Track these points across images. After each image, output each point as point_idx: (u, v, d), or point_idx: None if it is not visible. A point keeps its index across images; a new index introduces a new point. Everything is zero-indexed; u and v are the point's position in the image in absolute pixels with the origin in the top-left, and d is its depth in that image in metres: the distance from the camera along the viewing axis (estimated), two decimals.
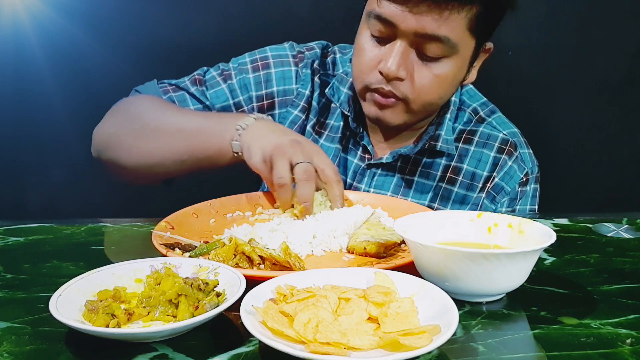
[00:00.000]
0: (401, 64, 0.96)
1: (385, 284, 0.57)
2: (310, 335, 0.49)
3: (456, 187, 1.11)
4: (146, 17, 1.46)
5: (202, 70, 1.17)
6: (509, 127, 1.14)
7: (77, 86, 1.46)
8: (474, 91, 1.19)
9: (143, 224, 0.91)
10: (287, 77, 1.16)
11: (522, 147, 1.13)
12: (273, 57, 1.17)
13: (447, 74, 0.99)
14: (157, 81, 1.16)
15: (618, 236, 0.86)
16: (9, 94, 1.44)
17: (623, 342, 0.53)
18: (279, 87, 1.15)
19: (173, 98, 1.13)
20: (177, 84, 1.15)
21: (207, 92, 1.14)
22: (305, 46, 1.19)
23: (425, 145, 1.10)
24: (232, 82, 1.15)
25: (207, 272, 0.62)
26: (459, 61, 0.99)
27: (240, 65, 1.16)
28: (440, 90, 1.01)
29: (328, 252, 0.78)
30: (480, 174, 1.10)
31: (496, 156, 1.11)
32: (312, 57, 1.17)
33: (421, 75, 0.98)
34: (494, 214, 0.71)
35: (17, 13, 1.40)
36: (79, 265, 0.73)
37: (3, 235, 0.85)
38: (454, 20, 0.93)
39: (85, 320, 0.54)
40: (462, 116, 1.14)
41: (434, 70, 0.98)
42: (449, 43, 0.95)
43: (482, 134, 1.12)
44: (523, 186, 1.11)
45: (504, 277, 0.59)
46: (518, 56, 1.52)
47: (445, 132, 1.10)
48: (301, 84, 1.15)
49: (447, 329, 0.48)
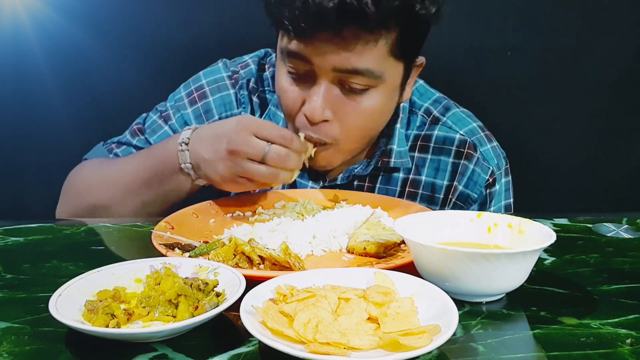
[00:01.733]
0: (325, 105, 0.89)
1: (385, 284, 0.57)
2: (310, 335, 0.49)
3: (417, 202, 1.05)
4: (146, 17, 1.46)
5: (141, 119, 1.14)
6: (466, 124, 1.07)
7: (77, 86, 1.46)
8: (425, 87, 1.12)
9: (143, 224, 0.91)
10: (226, 102, 1.10)
11: (482, 144, 1.06)
12: (208, 83, 1.11)
13: (375, 106, 0.92)
14: (102, 143, 1.13)
15: (618, 236, 0.86)
16: (9, 94, 1.44)
17: (623, 342, 0.53)
18: (220, 115, 1.10)
19: (118, 154, 1.10)
20: (119, 141, 1.12)
21: (151, 138, 1.10)
22: (239, 63, 1.13)
23: (378, 162, 1.05)
24: (172, 122, 1.10)
25: (207, 272, 0.62)
26: (387, 89, 0.92)
27: (176, 101, 1.12)
28: (370, 124, 0.96)
29: (328, 252, 0.78)
30: (440, 184, 1.05)
31: (455, 162, 1.05)
32: (247, 75, 1.11)
33: (348, 112, 0.91)
34: (494, 214, 0.71)
35: (17, 13, 1.40)
36: (78, 265, 0.73)
37: (3, 235, 0.85)
38: (371, 50, 0.86)
39: (85, 320, 0.54)
40: (415, 120, 1.08)
41: (361, 104, 0.91)
42: (373, 75, 0.88)
43: (437, 139, 1.06)
44: (491, 187, 1.05)
45: (504, 277, 0.59)
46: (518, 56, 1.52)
47: (397, 144, 1.04)
48: (242, 108, 1.10)
49: (447, 329, 0.48)
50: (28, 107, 1.45)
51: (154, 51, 1.47)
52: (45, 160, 1.47)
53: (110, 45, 1.44)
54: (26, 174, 1.51)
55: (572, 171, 1.59)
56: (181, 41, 1.47)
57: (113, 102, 1.45)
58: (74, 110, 1.47)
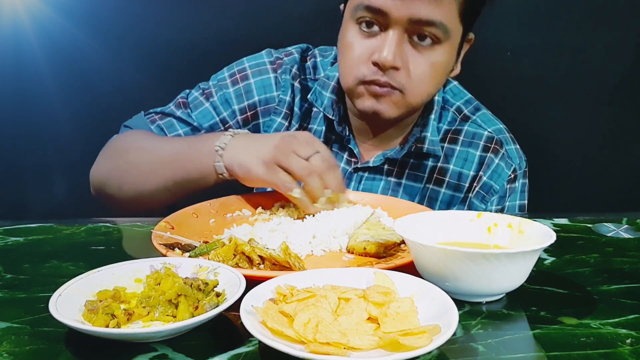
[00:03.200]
0: (397, 52, 0.95)
1: (385, 284, 0.57)
2: (310, 335, 0.49)
3: (443, 188, 1.10)
4: (146, 17, 1.46)
5: (185, 93, 1.17)
6: (494, 124, 1.14)
7: (77, 86, 1.46)
8: (458, 88, 1.18)
9: (143, 224, 0.91)
10: (266, 85, 1.15)
11: (508, 143, 1.12)
12: (250, 67, 1.16)
13: (441, 62, 0.99)
14: (144, 113, 1.16)
15: (618, 236, 0.86)
16: (9, 94, 1.44)
17: (623, 342, 0.53)
18: (260, 97, 1.15)
19: (161, 126, 1.13)
20: (163, 111, 1.15)
21: (192, 113, 1.14)
22: (283, 51, 1.19)
23: (412, 147, 1.09)
24: (214, 100, 1.14)
25: (207, 272, 0.62)
26: (450, 49, 0.99)
27: (219, 81, 1.16)
28: (435, 79, 1.01)
29: (328, 252, 0.78)
30: (467, 173, 1.10)
31: (482, 155, 1.10)
32: (290, 62, 1.16)
33: (416, 64, 0.97)
34: (494, 214, 0.71)
35: (17, 13, 1.40)
36: (78, 265, 0.73)
37: (3, 235, 0.85)
38: (446, 4, 0.93)
39: (85, 320, 0.54)
40: (446, 115, 1.14)
41: (428, 58, 0.97)
42: (443, 28, 0.95)
43: (467, 133, 1.12)
44: (511, 183, 1.10)
45: (504, 277, 0.59)
46: (518, 56, 1.52)
47: (430, 133, 1.09)
48: (282, 91, 1.15)
49: (447, 329, 0.48)
50: (28, 107, 1.45)
51: (154, 51, 1.47)
52: (45, 160, 1.47)
53: (110, 45, 1.44)
54: (26, 174, 1.51)
55: (572, 171, 1.59)
56: (181, 41, 1.47)
57: (113, 102, 1.45)
58: (74, 111, 1.47)
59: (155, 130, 1.13)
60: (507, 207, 1.11)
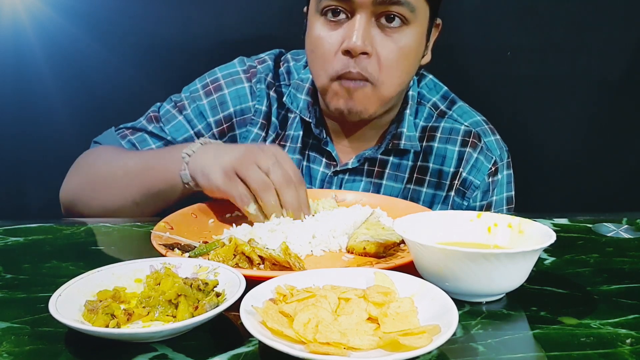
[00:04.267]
0: (365, 37, 0.95)
1: (385, 284, 0.57)
2: (310, 335, 0.49)
3: (424, 188, 1.10)
4: (146, 17, 1.46)
5: (156, 107, 1.15)
6: (471, 117, 1.13)
7: (77, 86, 1.46)
8: (433, 82, 1.17)
9: (142, 224, 0.91)
10: (241, 95, 1.13)
11: (486, 135, 1.11)
12: (224, 77, 1.14)
13: (411, 45, 0.98)
14: (114, 128, 1.14)
15: (618, 236, 0.86)
16: (9, 94, 1.44)
17: (623, 342, 0.53)
18: (235, 108, 1.13)
19: (132, 141, 1.11)
20: (134, 126, 1.13)
21: (165, 127, 1.12)
22: (256, 59, 1.17)
23: (389, 144, 1.08)
24: (188, 112, 1.12)
25: (207, 272, 0.62)
26: (418, 31, 0.99)
27: (192, 92, 1.14)
28: (406, 65, 1.00)
29: (327, 252, 0.78)
30: (446, 170, 1.09)
31: (461, 150, 1.09)
32: (265, 70, 1.14)
33: (387, 49, 0.97)
34: (494, 214, 0.71)
35: (17, 13, 1.40)
36: (78, 265, 0.73)
37: (3, 235, 0.85)
38: None
39: (85, 320, 0.54)
40: (422, 111, 1.13)
41: (398, 42, 0.97)
42: (409, 6, 0.95)
43: (444, 130, 1.11)
44: (493, 176, 1.09)
45: (503, 277, 0.59)
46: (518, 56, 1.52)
47: (407, 129, 1.08)
48: (257, 101, 1.13)
49: (447, 329, 0.48)
50: (28, 106, 1.45)
51: (153, 51, 1.47)
52: (45, 159, 1.47)
53: (110, 45, 1.44)
54: (26, 174, 1.51)
55: (572, 171, 1.59)
56: (181, 41, 1.47)
57: (113, 102, 1.45)
58: (74, 110, 1.47)
59: (126, 146, 1.11)
60: (494, 202, 1.09)
